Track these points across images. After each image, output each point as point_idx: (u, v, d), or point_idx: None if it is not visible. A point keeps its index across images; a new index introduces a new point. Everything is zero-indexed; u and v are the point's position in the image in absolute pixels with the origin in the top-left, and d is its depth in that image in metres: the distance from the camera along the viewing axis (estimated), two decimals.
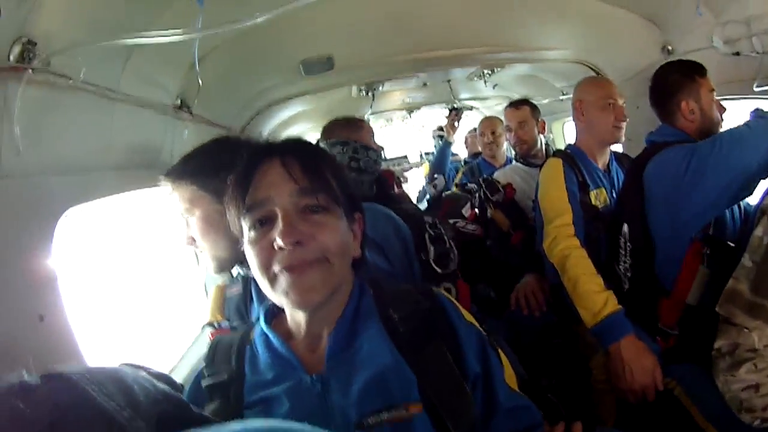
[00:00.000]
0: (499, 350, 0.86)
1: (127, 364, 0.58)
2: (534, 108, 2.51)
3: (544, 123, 2.57)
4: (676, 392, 1.41)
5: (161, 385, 0.56)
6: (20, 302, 0.85)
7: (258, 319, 0.87)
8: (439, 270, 1.28)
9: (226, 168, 0.92)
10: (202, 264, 1.87)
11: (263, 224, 0.74)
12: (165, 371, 1.41)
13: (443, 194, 3.27)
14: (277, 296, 0.75)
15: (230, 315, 1.32)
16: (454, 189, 3.25)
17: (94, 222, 1.27)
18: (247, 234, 0.76)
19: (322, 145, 1.82)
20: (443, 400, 0.73)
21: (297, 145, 0.83)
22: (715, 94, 1.57)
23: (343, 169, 0.86)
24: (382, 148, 2.08)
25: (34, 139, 0.91)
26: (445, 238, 1.36)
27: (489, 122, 3.05)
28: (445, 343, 0.78)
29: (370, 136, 1.99)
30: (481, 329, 0.85)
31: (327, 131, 2.12)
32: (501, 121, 2.84)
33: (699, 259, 1.41)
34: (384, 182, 1.88)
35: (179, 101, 1.63)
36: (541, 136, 2.54)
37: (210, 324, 1.36)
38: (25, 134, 0.87)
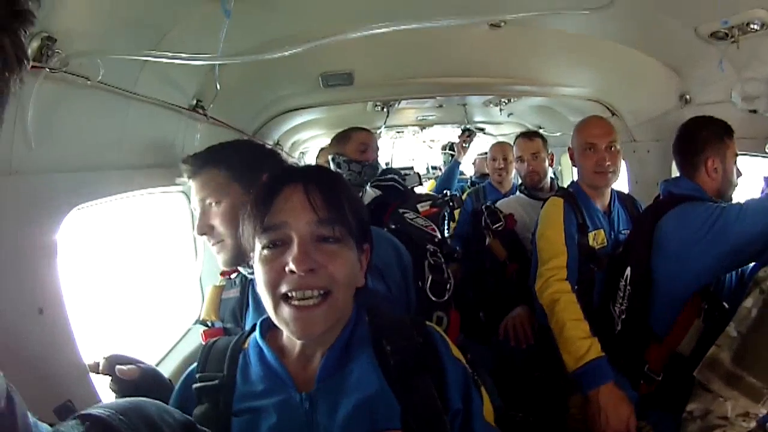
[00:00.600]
0: (481, 386, 0.88)
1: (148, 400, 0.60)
2: (545, 141, 2.53)
3: (553, 155, 2.57)
4: None
5: (178, 415, 0.58)
6: (20, 295, 0.86)
7: (252, 328, 0.88)
8: (434, 298, 1.28)
9: (262, 168, 0.98)
10: (199, 261, 1.88)
11: (277, 246, 0.76)
12: (152, 363, 1.43)
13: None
14: (277, 320, 0.77)
15: (225, 316, 1.32)
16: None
17: (97, 218, 1.27)
18: (260, 252, 0.77)
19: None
20: (423, 428, 0.75)
21: (320, 173, 0.85)
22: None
23: (358, 199, 0.88)
24: (375, 158, 2.10)
25: (46, 136, 0.92)
26: (444, 267, 1.36)
27: (501, 148, 3.00)
28: (432, 377, 0.80)
29: (359, 148, 2.02)
30: (466, 366, 0.87)
31: (329, 145, 2.14)
32: (512, 147, 2.83)
33: (696, 312, 1.43)
34: (382, 209, 1.89)
35: (195, 102, 1.64)
36: (549, 168, 2.54)
37: (203, 322, 1.35)
38: (38, 131, 0.88)
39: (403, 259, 1.29)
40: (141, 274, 1.63)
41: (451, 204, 2.53)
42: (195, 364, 0.86)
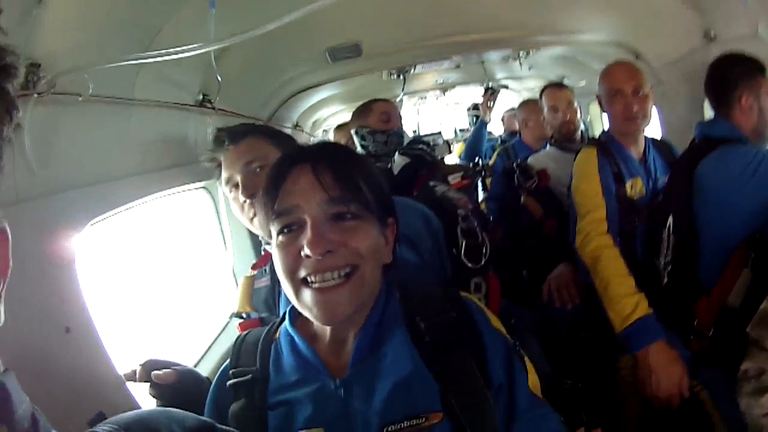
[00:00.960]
0: (524, 356, 0.83)
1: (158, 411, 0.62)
2: (571, 91, 2.41)
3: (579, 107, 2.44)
4: (701, 396, 1.39)
5: (192, 423, 0.58)
6: (45, 317, 0.88)
7: (283, 317, 0.87)
8: (470, 265, 1.23)
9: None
10: (230, 253, 1.91)
11: (292, 230, 0.74)
12: (193, 362, 1.48)
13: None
14: (300, 306, 0.75)
15: (258, 306, 1.33)
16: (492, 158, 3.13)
17: (119, 226, 1.29)
18: (276, 238, 0.75)
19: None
20: (465, 411, 0.73)
21: (330, 150, 0.82)
22: None
23: (375, 173, 0.83)
24: (400, 126, 2.04)
25: (48, 158, 0.92)
26: (477, 231, 1.30)
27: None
28: (470, 352, 0.77)
29: (381, 118, 1.98)
30: (507, 337, 0.83)
31: (351, 120, 2.08)
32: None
33: (744, 261, 1.34)
34: (411, 180, 1.82)
35: (201, 96, 1.62)
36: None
37: (238, 315, 1.37)
38: (38, 155, 0.88)
39: (433, 226, 1.23)
40: (173, 275, 1.67)
41: (483, 173, 2.43)
42: (228, 361, 0.86)
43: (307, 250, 0.70)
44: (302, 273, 0.72)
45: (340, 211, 0.74)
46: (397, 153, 1.97)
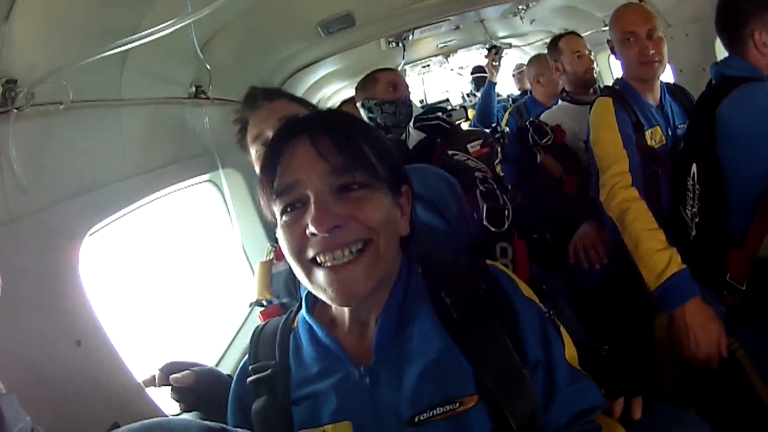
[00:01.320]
0: (560, 326, 0.79)
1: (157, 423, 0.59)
2: None
3: None
4: (738, 354, 1.34)
5: (193, 430, 0.57)
6: (54, 332, 0.87)
7: (299, 304, 0.83)
8: (492, 229, 1.17)
9: None
10: (240, 243, 1.89)
11: (296, 207, 0.68)
12: (216, 357, 1.49)
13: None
14: (314, 289, 0.70)
15: (278, 291, 1.30)
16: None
17: (127, 228, 1.29)
18: (279, 219, 0.71)
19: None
20: (502, 391, 0.68)
21: (328, 119, 0.77)
22: None
23: (382, 138, 0.77)
24: (407, 95, 1.94)
25: (38, 172, 0.90)
26: (498, 193, 1.24)
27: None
28: (503, 327, 0.72)
29: (387, 88, 1.89)
30: (541, 306, 0.78)
31: (355, 91, 2.00)
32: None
33: None
34: (428, 151, 1.75)
35: (194, 89, 1.58)
36: None
37: (258, 303, 1.36)
38: (28, 170, 0.85)
39: (456, 189, 1.17)
40: (187, 272, 1.68)
41: (502, 140, 2.34)
42: (247, 356, 0.83)
43: (312, 228, 0.65)
44: (310, 253, 0.67)
45: (345, 182, 0.68)
46: (411, 126, 1.90)
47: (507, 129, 2.80)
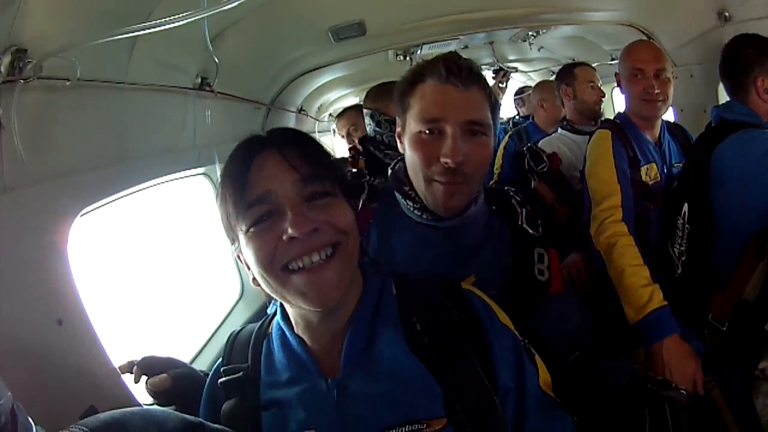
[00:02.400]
0: (535, 354, 0.79)
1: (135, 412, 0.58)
2: None
3: None
4: (713, 393, 1.35)
5: (174, 424, 0.56)
6: (36, 309, 0.86)
7: (275, 312, 0.83)
8: (530, 231, 1.13)
9: None
10: None
11: (264, 219, 0.69)
12: (194, 351, 1.46)
13: None
14: (289, 295, 0.70)
15: None
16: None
17: (118, 213, 1.27)
18: (245, 233, 0.70)
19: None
20: (470, 418, 0.68)
21: (292, 133, 0.78)
22: None
23: (335, 159, 0.81)
24: None
25: (38, 146, 0.89)
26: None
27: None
28: (475, 354, 0.72)
29: None
30: (516, 334, 0.79)
31: (365, 97, 1.99)
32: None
33: (760, 254, 1.29)
34: None
35: (200, 80, 1.57)
36: None
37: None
38: (28, 143, 0.85)
39: None
40: (177, 261, 1.66)
41: None
42: (221, 359, 0.84)
43: (291, 232, 0.66)
44: (283, 259, 0.67)
45: (314, 190, 0.70)
46: None
47: (501, 145, 2.85)
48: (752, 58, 1.41)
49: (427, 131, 0.92)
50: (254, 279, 0.74)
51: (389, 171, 1.10)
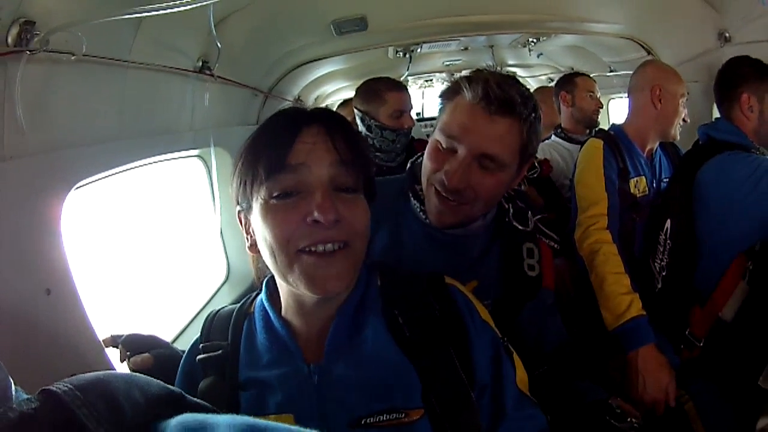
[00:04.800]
0: (513, 352, 0.81)
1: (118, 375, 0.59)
2: None
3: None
4: (686, 407, 1.37)
5: (157, 390, 0.54)
6: (26, 277, 0.88)
7: (259, 290, 0.83)
8: (519, 227, 1.14)
9: None
10: (217, 216, 1.89)
11: (289, 195, 0.67)
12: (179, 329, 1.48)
13: None
14: (293, 277, 0.68)
15: None
16: None
17: (107, 191, 1.29)
18: (266, 202, 0.68)
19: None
20: (447, 410, 0.69)
21: (340, 118, 0.76)
22: None
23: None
24: (411, 125, 1.93)
25: (39, 117, 0.90)
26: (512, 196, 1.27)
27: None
28: (454, 349, 0.73)
29: (394, 114, 1.86)
30: (496, 331, 0.79)
31: (355, 94, 2.00)
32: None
33: (741, 273, 1.33)
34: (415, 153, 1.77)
35: (200, 63, 1.58)
36: None
37: None
38: (29, 114, 0.86)
39: None
40: (165, 241, 1.67)
41: None
42: (199, 335, 0.82)
43: (318, 215, 0.64)
44: (301, 243, 0.66)
45: (344, 182, 0.69)
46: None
47: None
48: (743, 75, 1.45)
49: (444, 145, 0.92)
50: (252, 246, 0.74)
51: (408, 165, 1.10)
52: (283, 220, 0.66)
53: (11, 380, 0.57)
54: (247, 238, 0.75)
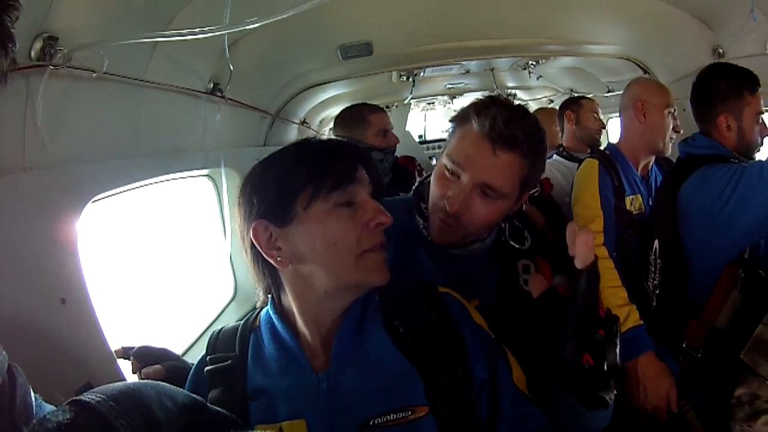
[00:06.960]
0: (507, 352, 0.84)
1: (148, 383, 0.59)
2: None
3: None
4: (688, 416, 1.37)
5: (184, 399, 0.56)
6: (42, 287, 0.89)
7: (261, 307, 0.87)
8: (516, 246, 1.15)
9: None
10: (228, 239, 1.91)
11: (350, 205, 0.77)
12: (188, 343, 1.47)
13: None
14: (360, 272, 0.76)
15: None
16: None
17: (122, 207, 1.31)
18: (330, 209, 0.75)
19: None
20: (448, 408, 0.74)
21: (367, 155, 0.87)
22: (762, 116, 1.47)
23: None
24: (396, 142, 2.01)
25: (58, 130, 0.94)
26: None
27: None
28: (452, 351, 0.78)
29: (378, 134, 1.91)
30: (489, 333, 0.84)
31: (335, 123, 2.05)
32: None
33: (732, 282, 1.35)
34: (402, 170, 1.79)
35: (212, 85, 1.64)
36: None
37: None
38: (50, 127, 0.90)
39: None
40: (174, 258, 1.69)
41: None
42: (205, 351, 0.85)
43: (381, 219, 0.76)
44: (368, 244, 0.76)
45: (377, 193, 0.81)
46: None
47: None
48: (719, 94, 1.45)
49: (449, 169, 0.97)
50: (282, 260, 0.77)
51: (414, 185, 1.15)
52: (351, 227, 0.75)
53: (30, 387, 0.56)
54: (273, 253, 0.77)
